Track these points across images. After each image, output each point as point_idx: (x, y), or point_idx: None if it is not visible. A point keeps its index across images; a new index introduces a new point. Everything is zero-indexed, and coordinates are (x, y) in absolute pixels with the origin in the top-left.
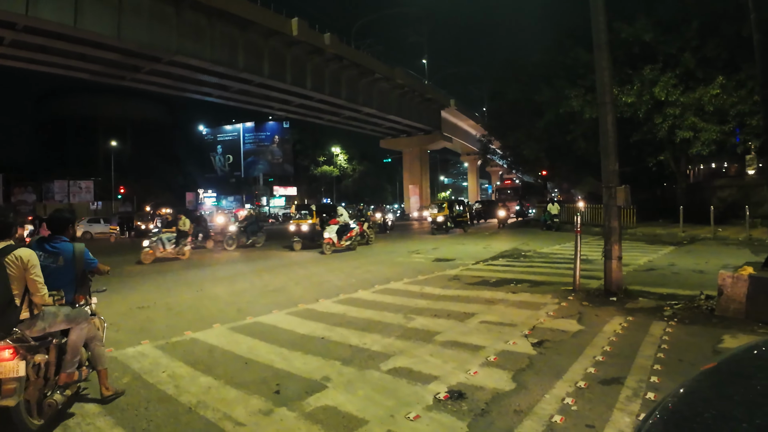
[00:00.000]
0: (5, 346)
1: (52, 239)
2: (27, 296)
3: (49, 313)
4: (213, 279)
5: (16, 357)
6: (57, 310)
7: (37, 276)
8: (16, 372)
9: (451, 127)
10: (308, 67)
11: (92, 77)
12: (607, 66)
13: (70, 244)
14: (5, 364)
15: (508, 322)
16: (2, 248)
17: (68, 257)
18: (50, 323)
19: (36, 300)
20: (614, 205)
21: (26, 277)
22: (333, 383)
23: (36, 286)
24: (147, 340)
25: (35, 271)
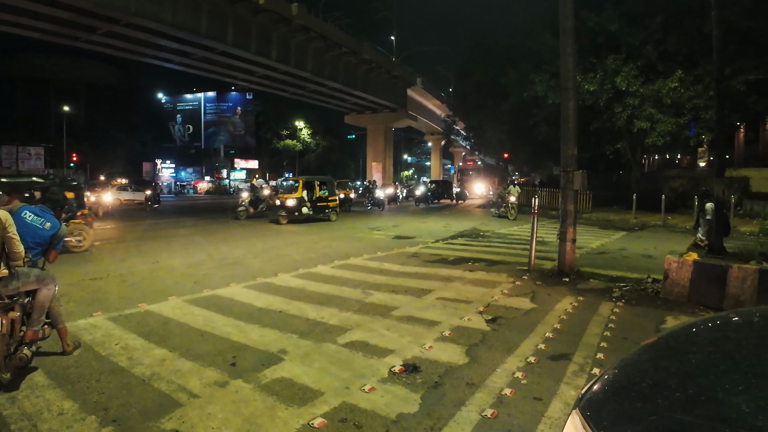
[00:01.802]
0: None
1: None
2: (4, 254)
3: (23, 273)
4: (169, 250)
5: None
6: (29, 271)
7: (14, 234)
8: None
9: (416, 105)
10: (274, 37)
11: (44, 37)
12: (571, 53)
13: (58, 221)
14: None
15: (464, 299)
16: None
17: (53, 228)
18: (23, 283)
19: (13, 256)
20: (571, 189)
21: (3, 236)
22: (289, 356)
23: (13, 243)
24: (99, 311)
25: (12, 230)
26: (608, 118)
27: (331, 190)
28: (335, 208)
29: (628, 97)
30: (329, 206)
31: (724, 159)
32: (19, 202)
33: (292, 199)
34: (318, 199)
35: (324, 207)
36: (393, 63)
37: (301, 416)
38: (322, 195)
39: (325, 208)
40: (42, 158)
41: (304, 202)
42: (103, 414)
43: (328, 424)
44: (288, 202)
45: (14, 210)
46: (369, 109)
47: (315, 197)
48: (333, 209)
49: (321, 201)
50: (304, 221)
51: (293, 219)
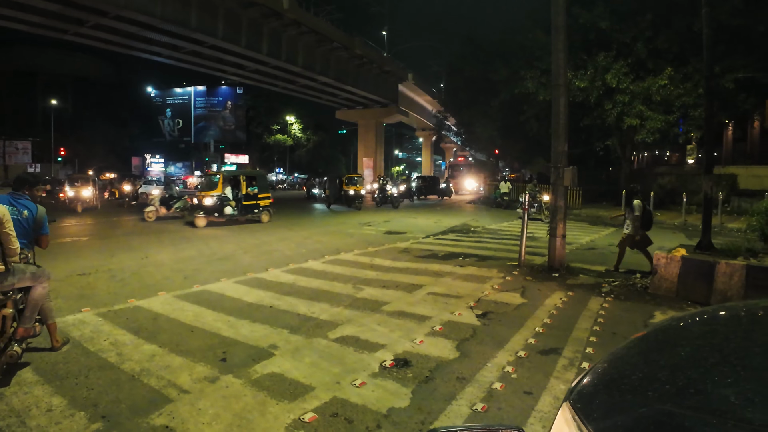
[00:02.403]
0: None
1: (16, 195)
2: (0, 250)
3: (19, 270)
4: (159, 245)
5: None
6: (25, 268)
7: (11, 230)
8: None
9: (407, 101)
10: (265, 31)
11: (31, 29)
12: (562, 49)
13: (33, 203)
14: None
15: (455, 294)
16: None
17: (30, 214)
18: (19, 279)
19: (9, 252)
20: (561, 185)
21: (0, 231)
22: (280, 351)
23: (9, 239)
24: (88, 307)
25: (9, 225)
26: (598, 115)
27: (262, 187)
28: (268, 207)
29: (618, 94)
30: (260, 205)
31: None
32: None
33: (210, 198)
34: (246, 197)
35: (253, 206)
36: (384, 58)
37: (292, 411)
38: (251, 192)
39: (254, 207)
40: (29, 152)
41: (227, 200)
42: (92, 410)
43: (319, 419)
44: (205, 201)
45: None
46: (360, 104)
47: (241, 195)
48: (265, 209)
49: (249, 199)
50: (227, 223)
51: (215, 221)
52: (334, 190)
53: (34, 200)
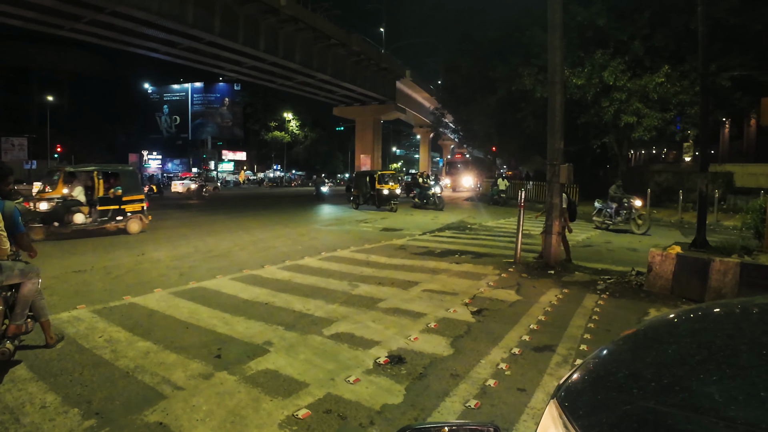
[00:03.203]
0: None
1: None
2: None
3: (7, 267)
4: (155, 242)
5: None
6: (13, 265)
7: (1, 230)
8: None
9: (405, 98)
10: (262, 27)
11: (26, 24)
12: (559, 46)
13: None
14: None
15: (450, 291)
16: None
17: None
18: (7, 276)
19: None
20: (557, 182)
21: None
22: (275, 347)
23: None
24: (83, 304)
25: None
26: (595, 113)
27: (131, 187)
28: (141, 212)
29: (615, 91)
30: (125, 211)
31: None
32: None
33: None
34: (103, 201)
35: (115, 213)
36: (382, 55)
37: (286, 408)
38: (113, 194)
39: (116, 214)
40: (25, 149)
41: (75, 205)
42: (86, 407)
43: (312, 416)
44: (40, 206)
45: None
46: (358, 101)
47: (98, 198)
48: (136, 215)
49: (109, 203)
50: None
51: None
52: (364, 189)
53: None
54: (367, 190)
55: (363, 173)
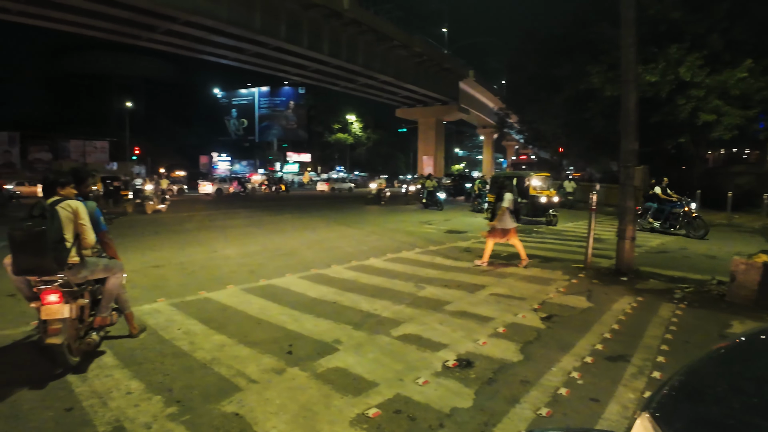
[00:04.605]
0: (53, 291)
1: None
2: (77, 242)
3: (92, 263)
4: (225, 240)
5: (62, 301)
6: (98, 261)
7: (86, 222)
8: (61, 314)
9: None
10: (325, 31)
11: (106, 36)
12: (633, 43)
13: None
14: (53, 307)
15: (518, 295)
16: (54, 201)
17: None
18: (92, 271)
19: (84, 243)
20: (631, 185)
21: (76, 222)
22: (343, 346)
23: (84, 230)
24: (162, 298)
25: (84, 217)
26: (670, 111)
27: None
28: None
29: (692, 88)
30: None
31: None
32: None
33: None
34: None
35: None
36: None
37: (356, 406)
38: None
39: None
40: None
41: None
42: (167, 394)
43: (382, 415)
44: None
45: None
46: (420, 102)
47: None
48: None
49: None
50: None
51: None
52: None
53: (84, 196)
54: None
55: (503, 176)
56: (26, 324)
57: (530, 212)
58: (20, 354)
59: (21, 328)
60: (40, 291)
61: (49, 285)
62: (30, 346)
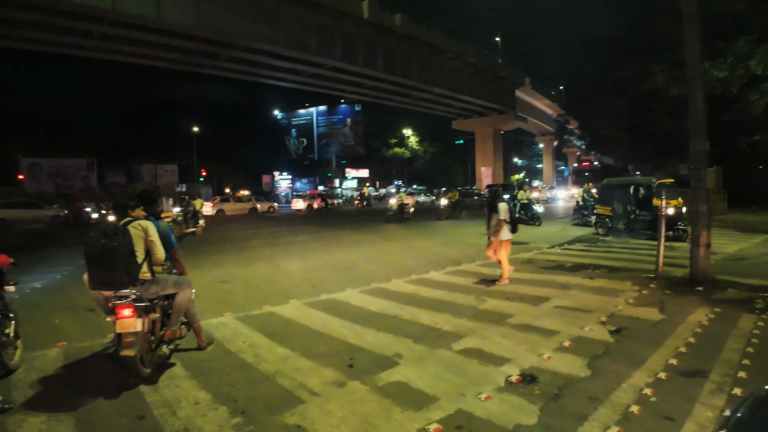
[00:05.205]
0: (126, 306)
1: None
2: (148, 259)
3: (162, 279)
4: (288, 255)
5: (135, 315)
6: (168, 277)
7: (155, 239)
8: (134, 327)
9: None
10: (379, 47)
11: (173, 66)
12: (697, 39)
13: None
14: (126, 321)
15: (584, 307)
16: (125, 221)
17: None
18: (162, 287)
19: (155, 260)
20: (703, 188)
21: (146, 240)
22: (404, 360)
23: (154, 247)
24: (228, 311)
25: (154, 236)
26: (742, 108)
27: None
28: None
29: (764, 82)
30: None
31: None
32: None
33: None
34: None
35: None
36: (499, 64)
37: (417, 420)
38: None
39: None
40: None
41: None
42: (232, 405)
43: (443, 430)
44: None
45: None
46: (476, 112)
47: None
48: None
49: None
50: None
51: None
52: (624, 207)
53: (156, 216)
54: (632, 209)
55: (620, 184)
56: (103, 336)
57: (650, 227)
58: (97, 365)
59: (98, 340)
60: (115, 306)
61: (123, 300)
62: (106, 357)
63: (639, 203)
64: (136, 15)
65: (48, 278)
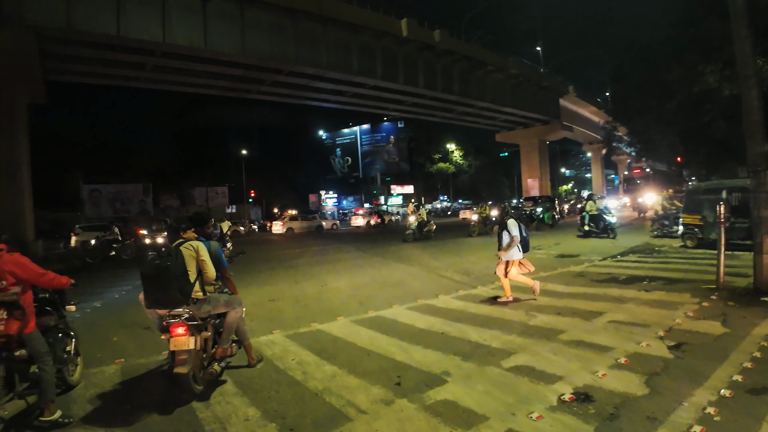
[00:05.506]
0: (180, 324)
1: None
2: (200, 278)
3: (214, 298)
4: (335, 273)
5: (188, 333)
6: (219, 296)
7: (206, 259)
8: (187, 345)
9: (570, 115)
10: (420, 64)
11: (222, 93)
12: (748, 35)
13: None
14: (180, 339)
15: (640, 322)
16: (178, 243)
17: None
18: (214, 306)
19: (206, 279)
20: (764, 191)
21: (198, 260)
22: (452, 377)
23: (205, 266)
24: (277, 329)
25: (205, 256)
26: None
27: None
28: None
29: None
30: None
31: None
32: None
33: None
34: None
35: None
36: (541, 74)
37: None
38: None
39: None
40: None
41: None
42: (281, 422)
43: None
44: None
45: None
46: (520, 124)
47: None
48: None
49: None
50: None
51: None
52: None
53: (207, 237)
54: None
55: (710, 189)
56: (158, 354)
57: (749, 236)
58: (153, 381)
59: (153, 358)
60: (169, 324)
61: (176, 319)
62: (161, 374)
63: (733, 210)
64: (185, 46)
65: (107, 298)
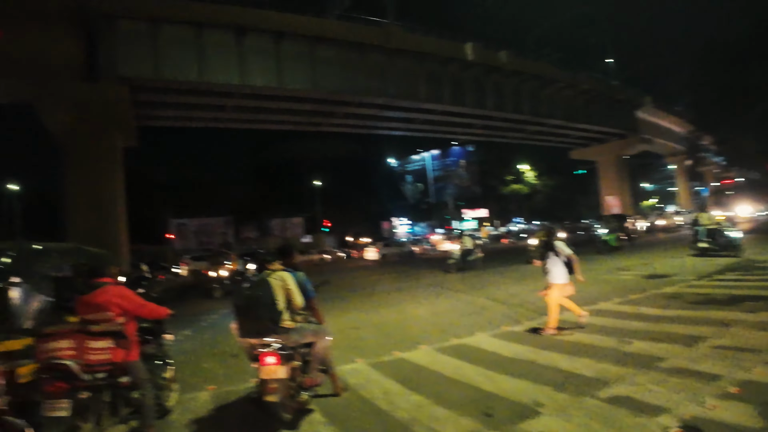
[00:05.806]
0: (271, 354)
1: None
2: (289, 307)
3: (302, 328)
4: (414, 300)
5: (279, 363)
6: (307, 326)
7: (292, 288)
8: (278, 374)
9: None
10: (487, 86)
11: (296, 127)
12: None
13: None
14: (270, 368)
15: (749, 347)
16: (266, 274)
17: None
18: (302, 336)
19: (294, 306)
20: None
21: (285, 288)
22: (545, 409)
23: (292, 294)
24: (360, 358)
25: (292, 284)
26: None
27: None
28: None
29: None
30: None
31: None
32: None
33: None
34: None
35: None
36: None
37: None
38: None
39: None
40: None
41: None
42: None
43: None
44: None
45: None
46: (595, 140)
47: None
48: None
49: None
50: None
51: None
52: None
53: (293, 267)
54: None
55: None
56: (246, 381)
57: None
58: (243, 408)
59: (243, 385)
60: (260, 353)
61: (267, 348)
62: (250, 401)
63: None
64: (261, 86)
65: (196, 326)
